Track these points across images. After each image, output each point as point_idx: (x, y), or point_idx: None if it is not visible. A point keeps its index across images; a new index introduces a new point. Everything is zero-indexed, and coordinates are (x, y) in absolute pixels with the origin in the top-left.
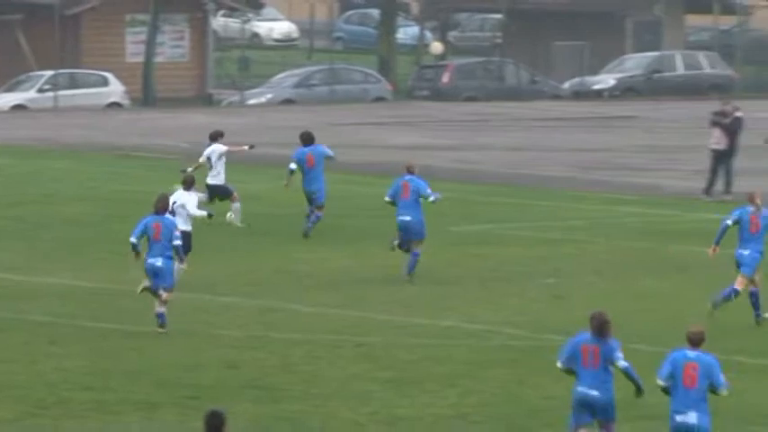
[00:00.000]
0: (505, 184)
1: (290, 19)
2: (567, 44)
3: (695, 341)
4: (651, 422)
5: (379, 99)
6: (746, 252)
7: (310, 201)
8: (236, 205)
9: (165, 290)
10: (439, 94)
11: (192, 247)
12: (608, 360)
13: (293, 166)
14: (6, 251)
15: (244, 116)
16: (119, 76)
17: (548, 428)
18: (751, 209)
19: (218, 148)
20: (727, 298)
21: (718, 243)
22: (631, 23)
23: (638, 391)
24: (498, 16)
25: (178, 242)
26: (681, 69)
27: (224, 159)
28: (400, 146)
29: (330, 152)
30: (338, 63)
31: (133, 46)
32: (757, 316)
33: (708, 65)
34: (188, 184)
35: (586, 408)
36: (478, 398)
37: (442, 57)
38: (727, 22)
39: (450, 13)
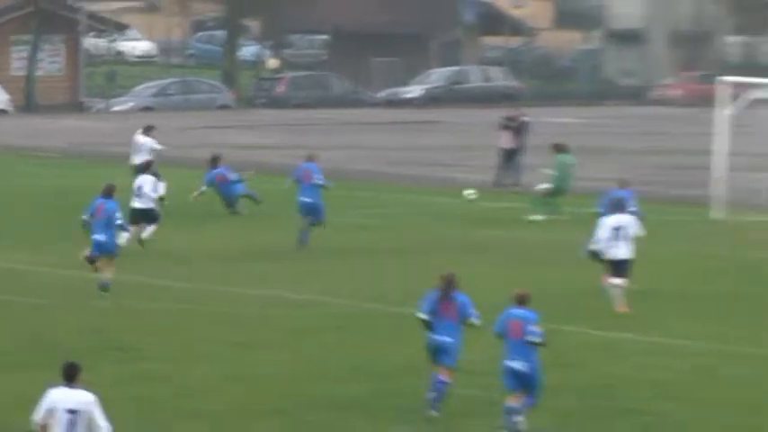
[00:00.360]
0: (337, 176)
1: (149, 39)
2: (382, 60)
3: (521, 301)
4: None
5: (224, 107)
6: None
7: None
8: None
9: (109, 257)
10: (274, 103)
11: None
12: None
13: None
14: None
15: (109, 121)
16: (4, 87)
17: (368, 383)
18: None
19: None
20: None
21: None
22: (436, 43)
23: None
24: (325, 37)
25: (119, 222)
26: (477, 81)
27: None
28: (242, 145)
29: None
30: (190, 76)
31: (17, 62)
32: None
33: (499, 78)
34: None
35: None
36: (311, 357)
37: (277, 71)
38: (515, 41)
39: (285, 34)
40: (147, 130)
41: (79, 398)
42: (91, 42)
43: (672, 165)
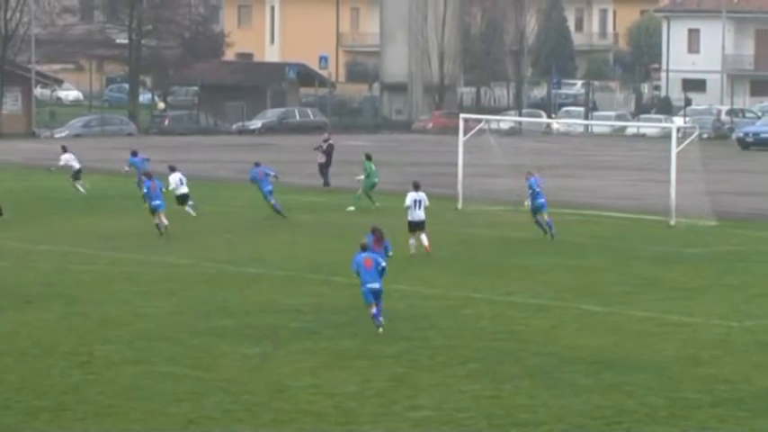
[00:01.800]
0: (201, 180)
1: (78, 89)
2: (234, 104)
3: (364, 247)
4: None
5: (130, 134)
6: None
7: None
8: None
9: (163, 212)
10: (163, 132)
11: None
12: (387, 248)
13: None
14: None
15: (52, 144)
16: None
17: (231, 318)
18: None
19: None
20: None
21: None
22: (270, 92)
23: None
24: (196, 88)
25: (163, 190)
26: (298, 117)
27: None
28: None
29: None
30: (106, 114)
31: None
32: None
33: (312, 115)
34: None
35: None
36: (192, 301)
37: (163, 110)
38: (322, 91)
39: (168, 86)
40: (64, 150)
41: None
42: (38, 91)
43: (431, 172)
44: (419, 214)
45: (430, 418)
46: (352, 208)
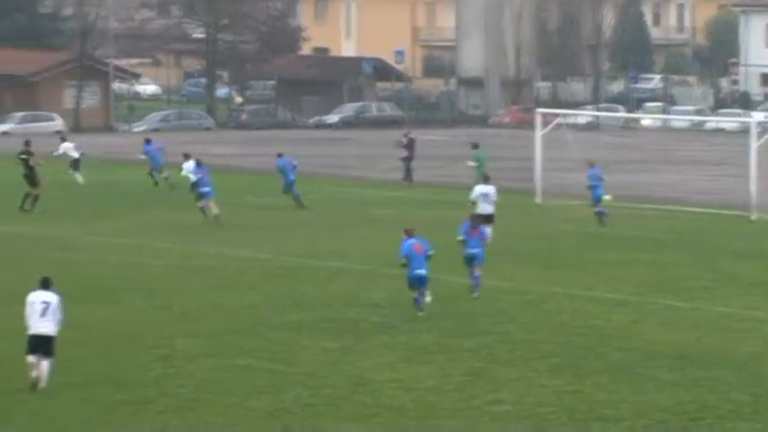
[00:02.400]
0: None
1: (156, 83)
2: (311, 98)
3: (410, 233)
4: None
5: (207, 129)
6: None
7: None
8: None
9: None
10: (240, 126)
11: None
12: (483, 234)
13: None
14: None
15: (130, 138)
16: (61, 116)
17: (307, 312)
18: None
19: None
20: None
21: None
22: (346, 87)
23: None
24: (273, 82)
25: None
26: (374, 112)
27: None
28: (219, 154)
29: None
30: (184, 108)
31: (69, 98)
32: None
33: (389, 109)
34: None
35: (470, 260)
36: (270, 295)
37: (241, 105)
38: (399, 85)
39: (246, 80)
40: (63, 139)
41: (51, 296)
42: (116, 86)
43: (508, 167)
44: (488, 207)
45: (510, 413)
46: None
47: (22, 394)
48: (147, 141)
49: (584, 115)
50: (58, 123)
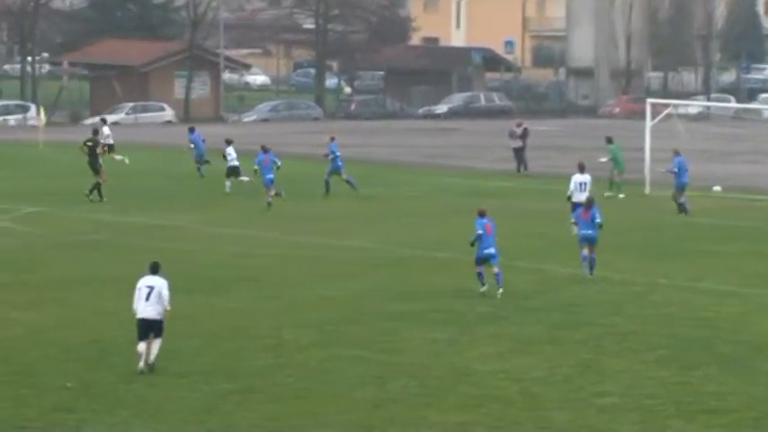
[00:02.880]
0: (390, 165)
1: (265, 74)
2: (420, 88)
3: (483, 213)
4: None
5: (316, 119)
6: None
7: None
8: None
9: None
10: (349, 116)
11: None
12: (594, 216)
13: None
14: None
15: (240, 128)
16: (171, 106)
17: (416, 302)
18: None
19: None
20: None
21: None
22: (455, 77)
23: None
24: (382, 73)
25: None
26: (483, 102)
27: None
28: (324, 144)
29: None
30: (293, 98)
31: (178, 88)
32: None
33: (498, 99)
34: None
35: (585, 241)
36: (378, 285)
37: (350, 95)
38: (508, 76)
39: (355, 71)
40: (102, 122)
41: (157, 281)
42: (227, 76)
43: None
44: (583, 196)
45: (617, 405)
46: (622, 195)
47: (130, 383)
48: (191, 130)
49: (694, 106)
50: (169, 114)
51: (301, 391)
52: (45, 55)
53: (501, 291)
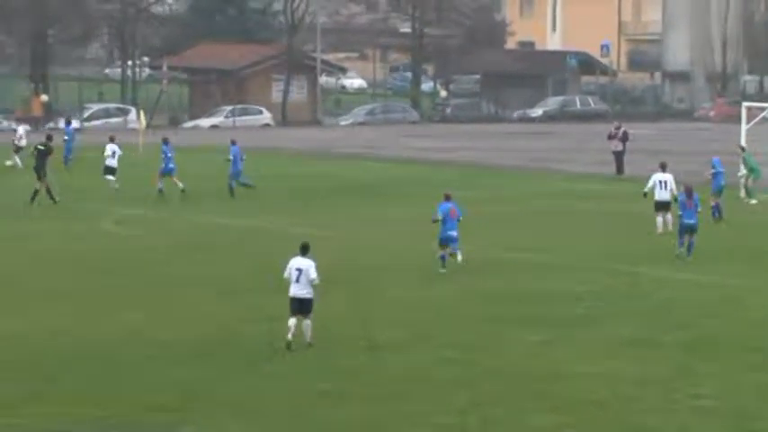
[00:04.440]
0: (486, 168)
1: (362, 77)
2: (515, 90)
3: (449, 197)
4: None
5: (413, 122)
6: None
7: None
8: None
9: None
10: (445, 119)
11: None
12: (696, 205)
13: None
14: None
15: (337, 131)
16: (267, 109)
17: (512, 304)
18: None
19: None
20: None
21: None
22: (551, 80)
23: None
24: (477, 76)
25: None
26: (578, 105)
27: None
28: (421, 147)
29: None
30: (389, 101)
31: (276, 92)
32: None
33: (593, 103)
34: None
35: (687, 230)
36: (474, 287)
37: (446, 98)
38: (603, 79)
39: (451, 74)
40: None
41: (304, 263)
42: (323, 80)
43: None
44: (665, 194)
45: (712, 408)
46: (754, 201)
47: (228, 383)
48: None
49: None
50: (267, 117)
51: (396, 393)
52: (145, 59)
53: (460, 258)
